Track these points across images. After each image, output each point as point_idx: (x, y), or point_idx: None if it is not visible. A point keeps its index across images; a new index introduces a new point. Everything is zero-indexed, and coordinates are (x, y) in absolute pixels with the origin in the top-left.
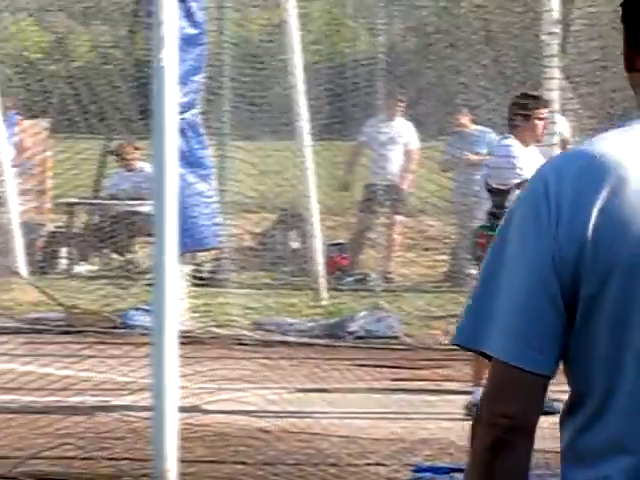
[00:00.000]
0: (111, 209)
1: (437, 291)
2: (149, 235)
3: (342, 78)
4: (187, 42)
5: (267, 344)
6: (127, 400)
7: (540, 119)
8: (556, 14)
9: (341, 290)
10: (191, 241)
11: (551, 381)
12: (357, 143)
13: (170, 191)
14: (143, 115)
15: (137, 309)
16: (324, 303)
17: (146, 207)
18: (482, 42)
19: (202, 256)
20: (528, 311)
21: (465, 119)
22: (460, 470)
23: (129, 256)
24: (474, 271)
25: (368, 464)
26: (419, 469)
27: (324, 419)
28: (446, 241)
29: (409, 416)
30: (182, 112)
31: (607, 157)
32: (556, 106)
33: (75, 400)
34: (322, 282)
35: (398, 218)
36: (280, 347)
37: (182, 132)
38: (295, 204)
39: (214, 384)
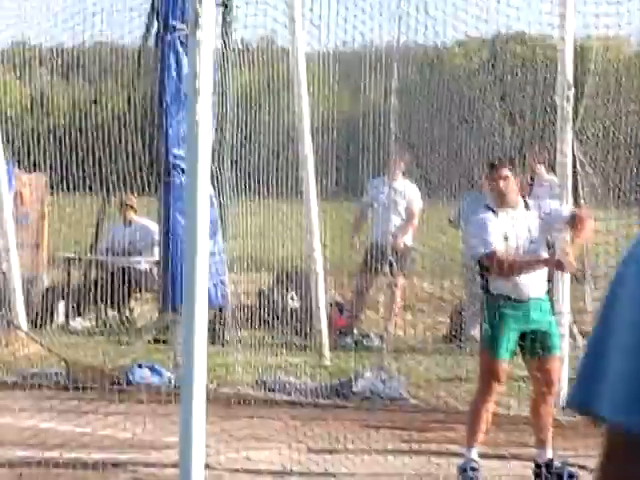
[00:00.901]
0: (108, 264)
1: (438, 352)
2: (146, 291)
3: (352, 137)
4: None
5: (271, 403)
6: (137, 457)
7: (501, 179)
8: (570, 78)
9: (343, 350)
10: None
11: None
12: (361, 203)
13: (202, 252)
14: (145, 170)
15: (140, 366)
16: (327, 363)
17: (143, 263)
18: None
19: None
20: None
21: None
22: None
23: (126, 312)
24: (476, 332)
25: None
26: None
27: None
28: (444, 302)
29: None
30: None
31: None
32: (569, 170)
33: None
34: (325, 342)
35: (399, 278)
36: (285, 406)
37: None
38: (296, 263)
39: (224, 442)
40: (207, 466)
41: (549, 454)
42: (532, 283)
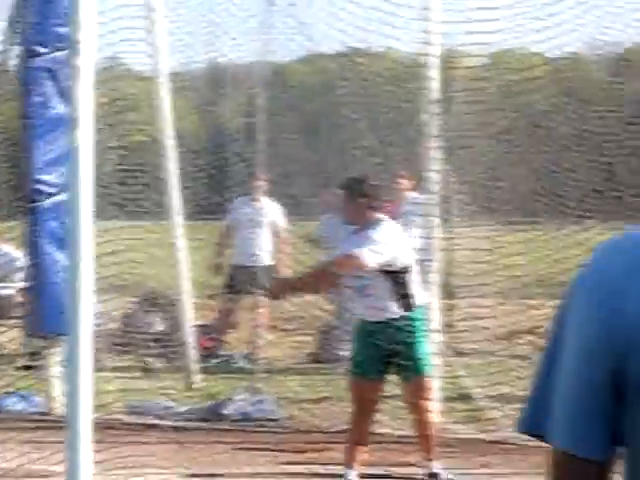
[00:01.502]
0: None
1: (308, 372)
2: (9, 318)
3: (218, 154)
4: (61, 122)
5: (140, 428)
6: None
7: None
8: (436, 93)
9: (212, 372)
10: (63, 325)
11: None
12: (225, 224)
13: (85, 275)
14: (8, 196)
15: (8, 393)
16: (196, 386)
17: (8, 289)
18: (364, 121)
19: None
20: (579, 400)
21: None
22: None
23: None
24: (346, 352)
25: None
26: None
27: None
28: (304, 321)
29: None
30: (57, 193)
31: None
32: (437, 186)
33: None
34: (193, 364)
35: (262, 299)
36: (157, 431)
37: (55, 212)
38: (162, 285)
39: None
40: None
41: (437, 466)
42: (378, 303)
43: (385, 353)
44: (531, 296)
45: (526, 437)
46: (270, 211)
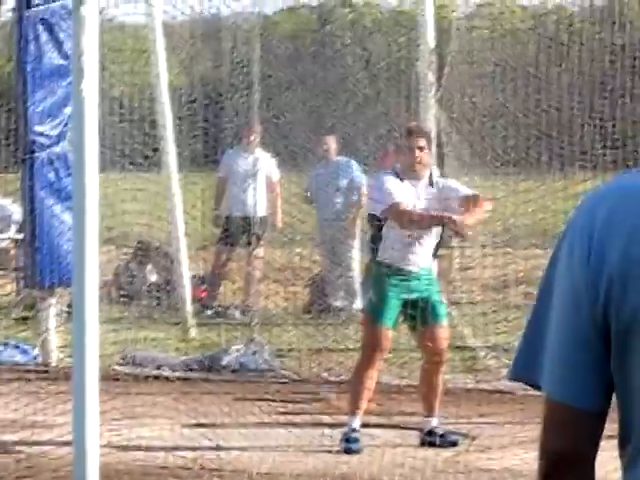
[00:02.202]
0: None
1: (303, 323)
2: (5, 269)
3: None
4: (56, 73)
5: (139, 379)
6: (25, 436)
7: (417, 148)
8: (432, 43)
9: (206, 324)
10: (60, 276)
11: None
12: (218, 176)
13: (90, 227)
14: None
15: (5, 344)
16: (192, 337)
17: (2, 241)
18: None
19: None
20: (569, 349)
21: (332, 147)
22: None
23: None
24: (339, 303)
25: None
26: None
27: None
28: (301, 272)
29: (318, 449)
30: (52, 144)
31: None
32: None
33: None
34: (189, 316)
35: (256, 250)
36: (153, 382)
37: (51, 164)
38: (156, 237)
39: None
40: None
41: (435, 422)
42: (420, 254)
43: (405, 303)
44: (525, 246)
45: (523, 386)
46: (264, 163)
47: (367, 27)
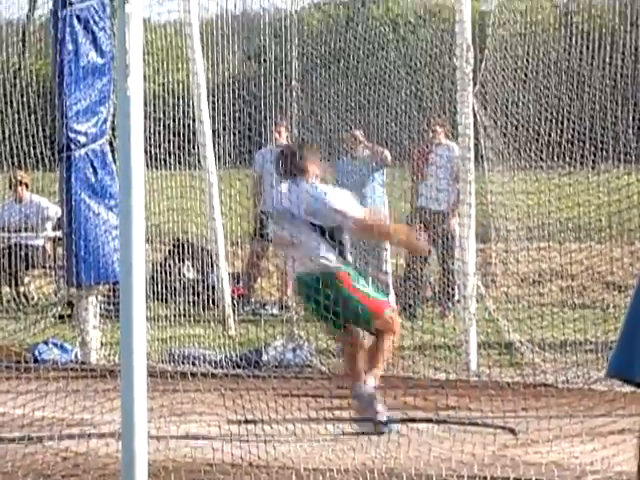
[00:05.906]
0: (1, 241)
1: None
2: (41, 267)
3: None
4: (94, 71)
5: (181, 376)
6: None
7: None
8: (469, 39)
9: (244, 320)
10: (98, 274)
11: None
12: (254, 173)
13: (137, 225)
14: (40, 146)
15: (46, 343)
16: (232, 333)
17: (38, 239)
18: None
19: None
20: None
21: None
22: None
23: (21, 289)
24: None
25: None
26: None
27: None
28: None
29: (365, 445)
30: (90, 142)
31: None
32: (471, 133)
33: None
34: (229, 312)
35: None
36: (195, 379)
37: (89, 162)
38: (194, 233)
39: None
40: None
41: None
42: None
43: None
44: (564, 241)
45: (563, 380)
46: None
47: (409, 22)
